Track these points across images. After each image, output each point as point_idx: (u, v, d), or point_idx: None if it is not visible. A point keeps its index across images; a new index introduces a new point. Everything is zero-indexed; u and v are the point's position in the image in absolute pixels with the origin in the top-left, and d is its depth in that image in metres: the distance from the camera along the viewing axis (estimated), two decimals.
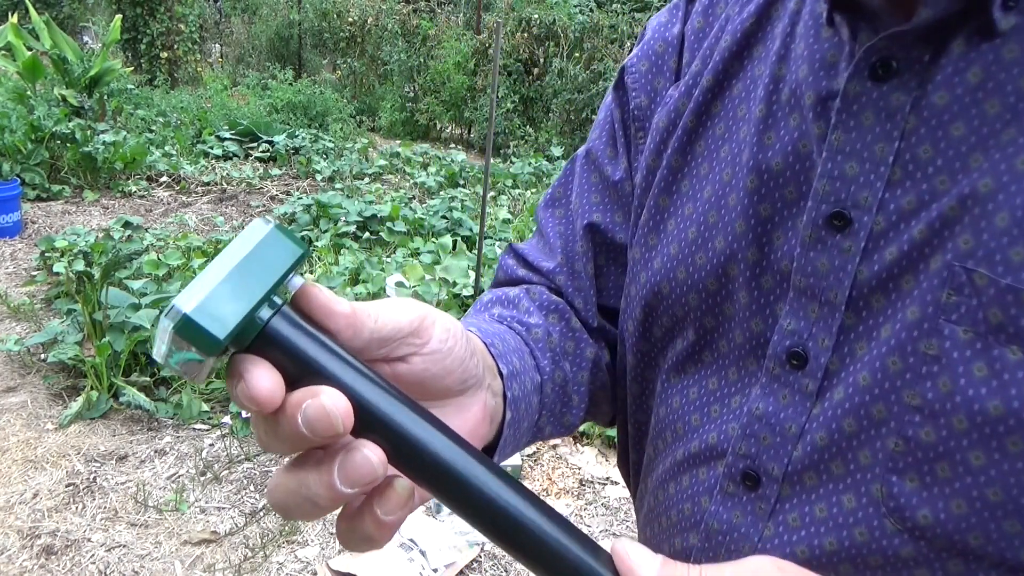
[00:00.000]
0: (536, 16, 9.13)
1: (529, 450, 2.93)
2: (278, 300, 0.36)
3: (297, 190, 6.23)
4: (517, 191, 6.80)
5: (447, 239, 4.68)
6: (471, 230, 5.04)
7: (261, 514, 2.50)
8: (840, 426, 0.43)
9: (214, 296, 0.33)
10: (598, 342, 0.63)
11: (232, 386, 0.35)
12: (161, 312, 0.35)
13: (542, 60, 9.11)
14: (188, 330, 0.33)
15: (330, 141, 7.92)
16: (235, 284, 0.34)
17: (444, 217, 5.27)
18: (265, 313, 0.35)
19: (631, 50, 0.67)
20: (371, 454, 0.35)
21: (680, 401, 0.54)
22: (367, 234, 5.00)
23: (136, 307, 3.18)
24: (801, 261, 0.45)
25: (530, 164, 7.63)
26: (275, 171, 6.81)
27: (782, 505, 0.46)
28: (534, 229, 0.69)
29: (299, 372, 0.36)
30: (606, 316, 0.64)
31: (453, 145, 9.45)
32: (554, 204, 0.66)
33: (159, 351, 0.35)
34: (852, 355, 0.43)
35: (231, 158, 7.27)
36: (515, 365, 0.52)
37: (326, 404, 0.34)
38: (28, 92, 6.57)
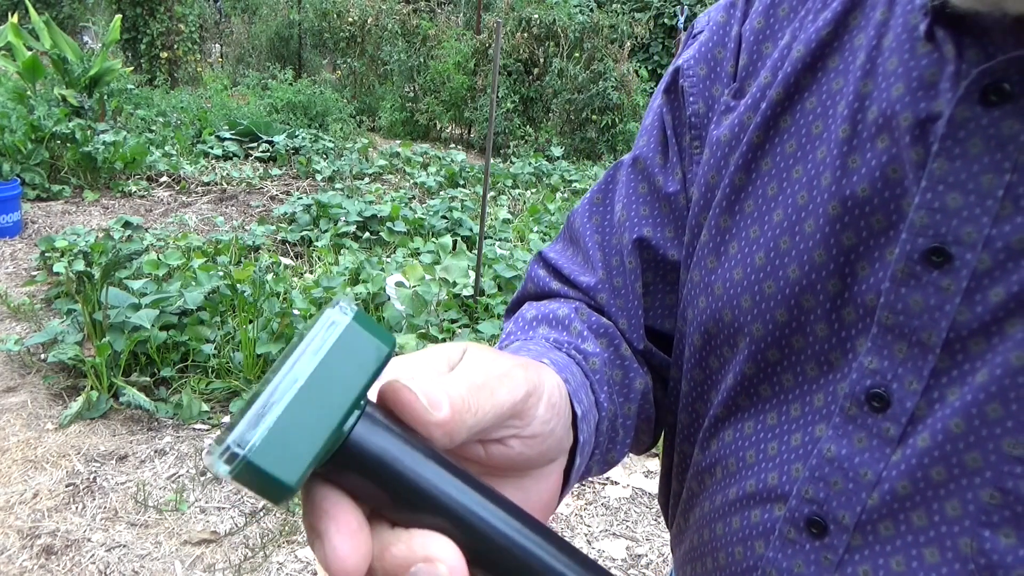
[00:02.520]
0: (536, 16, 9.13)
1: None
2: (362, 403, 0.29)
3: (297, 190, 6.23)
4: (517, 191, 6.80)
5: (447, 239, 4.68)
6: (471, 230, 5.04)
7: (261, 514, 2.50)
8: (927, 474, 0.40)
9: (280, 427, 0.26)
10: (644, 367, 0.58)
11: (310, 537, 0.30)
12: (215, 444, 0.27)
13: (542, 60, 9.12)
14: (250, 476, 0.26)
15: (330, 141, 7.92)
16: (306, 406, 0.26)
17: (444, 217, 5.27)
18: (347, 423, 0.28)
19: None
20: None
21: (733, 435, 0.51)
22: (367, 234, 5.00)
23: (136, 307, 3.18)
24: (890, 297, 0.42)
25: (530, 164, 7.64)
26: (275, 171, 6.82)
27: (851, 556, 0.42)
28: (558, 234, 0.63)
29: (390, 493, 0.30)
30: (651, 338, 0.59)
31: (453, 145, 9.45)
32: (593, 212, 0.61)
33: (212, 467, 0.28)
34: (942, 400, 0.40)
35: (231, 158, 7.28)
36: (584, 404, 0.47)
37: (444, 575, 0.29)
38: (28, 92, 6.57)
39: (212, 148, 7.29)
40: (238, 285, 3.46)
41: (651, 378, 0.59)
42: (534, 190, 6.92)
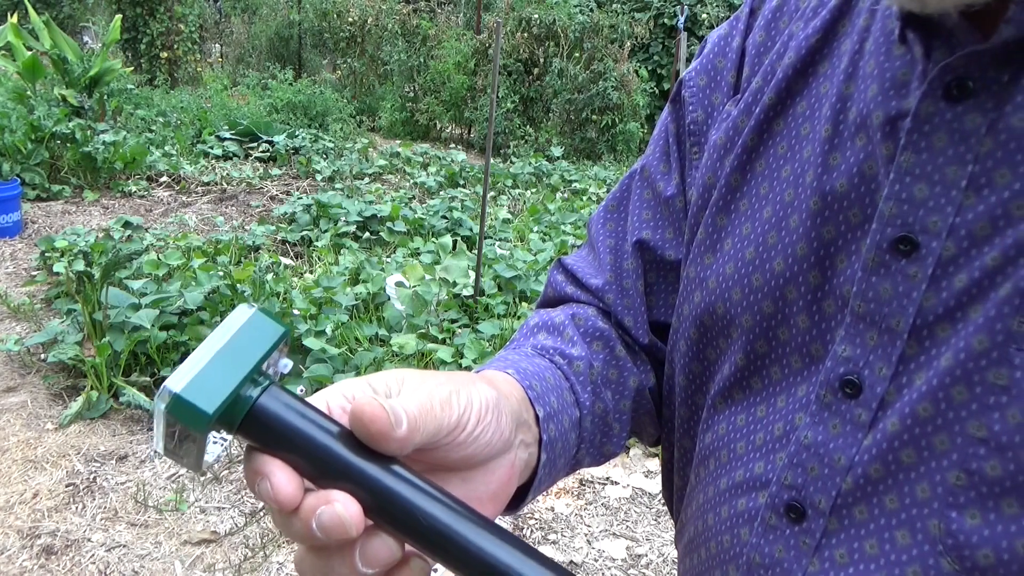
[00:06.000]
0: (536, 16, 9.13)
1: None
2: (264, 380, 0.38)
3: (297, 190, 6.24)
4: (517, 191, 6.80)
5: (447, 239, 4.68)
6: (471, 230, 5.04)
7: (261, 514, 2.50)
8: (897, 457, 0.41)
9: (201, 376, 0.35)
10: (645, 364, 0.63)
11: (253, 483, 0.37)
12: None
13: (542, 60, 9.12)
14: (179, 408, 0.35)
15: (330, 141, 7.92)
16: (221, 364, 0.36)
17: (444, 217, 5.27)
18: (253, 392, 0.37)
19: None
20: (389, 539, 0.38)
21: (726, 428, 0.53)
22: (367, 234, 5.00)
23: (136, 307, 3.18)
24: (862, 286, 0.44)
25: (530, 164, 7.63)
26: (275, 171, 6.82)
27: (828, 540, 0.44)
28: (584, 241, 0.68)
29: (298, 453, 0.37)
30: (658, 333, 0.63)
31: (453, 145, 9.45)
32: (607, 219, 0.66)
33: (158, 444, 0.37)
34: (910, 384, 0.42)
35: (231, 158, 7.28)
36: (552, 406, 0.52)
37: (340, 512, 0.36)
38: (28, 92, 6.57)
39: (212, 148, 7.28)
40: (238, 285, 3.46)
41: (655, 375, 0.63)
42: (534, 190, 6.92)
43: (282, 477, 0.36)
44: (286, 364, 0.40)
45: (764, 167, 0.53)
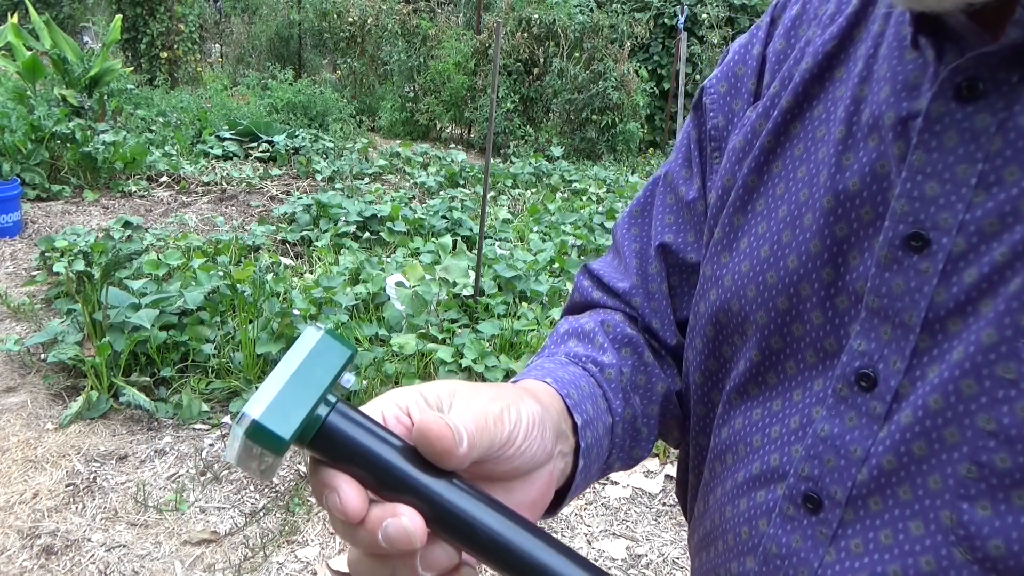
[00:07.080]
0: (536, 16, 9.13)
1: None
2: (332, 399, 0.40)
3: (297, 190, 6.23)
4: (517, 191, 6.80)
5: (447, 239, 4.68)
6: (471, 230, 5.04)
7: (261, 514, 2.50)
8: (909, 449, 0.42)
9: (277, 401, 0.37)
10: (672, 369, 0.64)
11: (321, 495, 0.39)
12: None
13: (542, 60, 9.11)
14: (258, 434, 0.37)
15: (330, 141, 7.92)
16: (294, 388, 0.38)
17: (444, 217, 5.27)
18: (323, 411, 0.39)
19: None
20: (449, 547, 0.40)
21: (743, 422, 0.54)
22: (367, 234, 5.00)
23: (136, 307, 3.18)
24: (876, 282, 0.45)
25: (530, 164, 7.63)
26: (275, 171, 6.81)
27: (844, 530, 0.45)
28: (610, 246, 0.70)
29: (364, 468, 0.39)
30: (684, 334, 0.64)
31: (453, 145, 9.45)
32: (632, 223, 0.67)
33: (232, 458, 0.39)
34: (923, 378, 0.43)
35: (231, 158, 7.27)
36: (588, 413, 0.54)
37: (407, 526, 0.38)
38: (28, 92, 6.57)
39: (212, 148, 7.28)
40: (238, 285, 3.46)
41: (680, 379, 0.64)
42: (534, 190, 6.92)
43: (350, 491, 0.38)
44: (349, 379, 0.42)
45: (781, 168, 0.54)
